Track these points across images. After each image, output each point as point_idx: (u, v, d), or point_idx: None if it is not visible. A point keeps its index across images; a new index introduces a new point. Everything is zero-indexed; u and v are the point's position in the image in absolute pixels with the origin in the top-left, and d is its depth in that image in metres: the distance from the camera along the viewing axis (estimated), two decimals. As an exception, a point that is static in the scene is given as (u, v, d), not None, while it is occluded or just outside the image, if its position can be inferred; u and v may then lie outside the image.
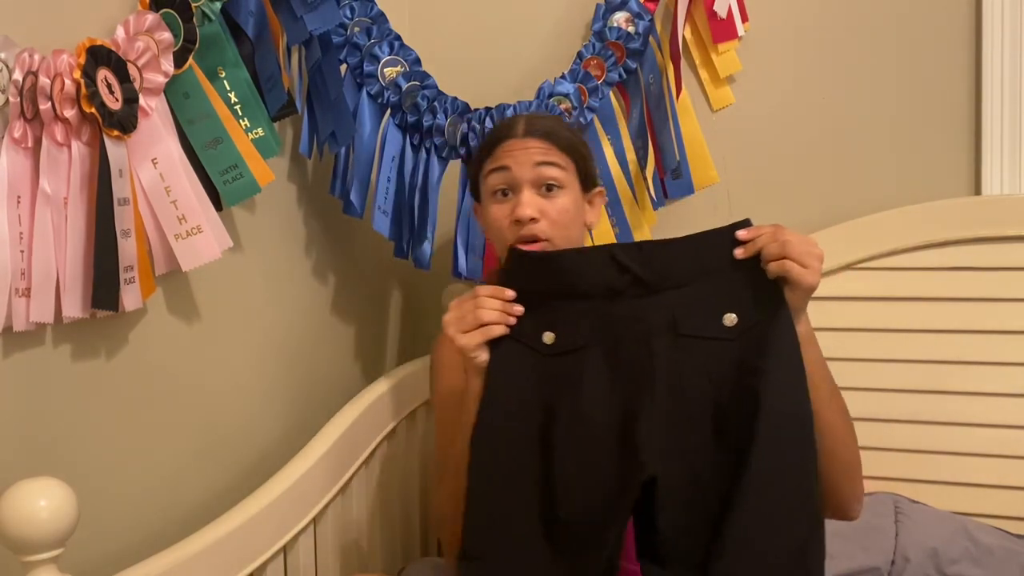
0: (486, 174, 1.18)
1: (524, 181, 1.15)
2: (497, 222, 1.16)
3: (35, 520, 0.77)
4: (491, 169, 1.17)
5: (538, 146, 1.16)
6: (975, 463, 1.50)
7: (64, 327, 0.99)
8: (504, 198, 1.16)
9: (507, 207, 1.16)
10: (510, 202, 1.16)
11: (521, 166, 1.15)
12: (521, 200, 1.14)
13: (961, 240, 1.50)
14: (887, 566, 1.36)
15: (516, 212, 1.13)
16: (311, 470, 1.17)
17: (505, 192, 1.16)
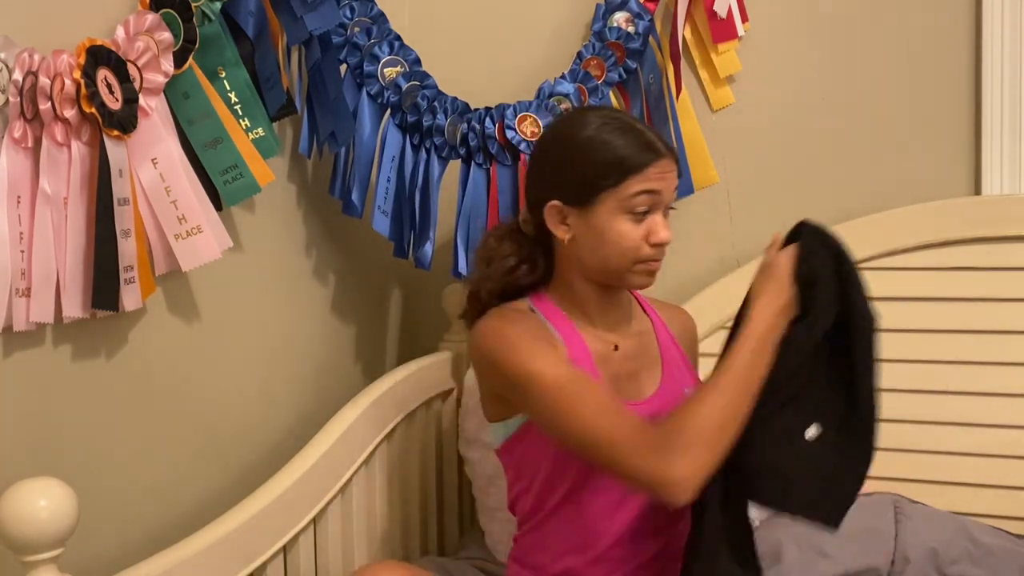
0: (632, 193, 1.09)
1: (663, 203, 1.12)
2: (629, 240, 1.10)
3: (35, 520, 0.77)
4: (641, 190, 1.09)
5: (674, 169, 1.13)
6: (975, 463, 1.50)
7: (64, 327, 0.99)
8: (639, 217, 1.10)
9: (642, 228, 1.10)
10: (644, 223, 1.10)
11: (668, 190, 1.12)
12: (663, 224, 1.11)
13: (961, 240, 1.49)
14: (887, 566, 1.36)
15: (661, 235, 1.10)
16: (311, 470, 1.17)
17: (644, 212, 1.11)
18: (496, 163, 1.50)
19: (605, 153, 1.11)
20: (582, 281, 1.16)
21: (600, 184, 1.11)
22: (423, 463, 1.57)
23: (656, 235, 1.10)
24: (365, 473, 1.34)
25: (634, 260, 1.11)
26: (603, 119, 1.14)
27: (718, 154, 1.66)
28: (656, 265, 1.13)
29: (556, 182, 1.14)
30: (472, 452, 1.54)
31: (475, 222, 1.52)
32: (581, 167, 1.12)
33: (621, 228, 1.10)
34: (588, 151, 1.12)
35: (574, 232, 1.13)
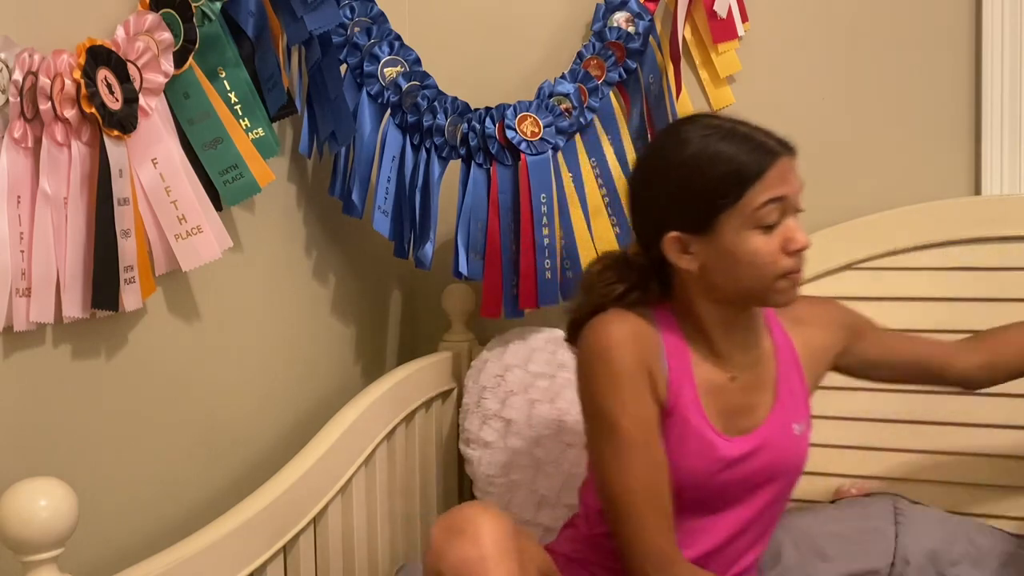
0: (757, 205, 1.00)
1: (792, 207, 1.03)
2: (767, 256, 1.01)
3: (35, 520, 0.77)
4: (766, 200, 1.00)
5: (795, 166, 1.04)
6: (975, 463, 1.50)
7: (64, 327, 0.99)
8: (771, 229, 1.01)
9: (775, 238, 1.01)
10: (777, 232, 1.01)
11: (795, 192, 1.03)
12: (796, 227, 1.02)
13: (961, 240, 1.49)
14: (887, 568, 1.36)
15: (799, 240, 1.01)
16: (311, 470, 1.17)
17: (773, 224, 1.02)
18: (496, 163, 1.50)
19: (716, 168, 1.02)
20: (708, 306, 1.07)
21: (719, 204, 1.01)
22: (423, 463, 1.57)
23: (794, 242, 1.01)
24: (365, 473, 1.34)
25: (775, 276, 1.02)
26: (703, 131, 1.05)
27: (718, 154, 1.66)
28: (799, 276, 1.04)
29: (669, 212, 1.05)
30: (472, 451, 1.54)
31: (475, 222, 1.52)
32: (693, 190, 1.03)
33: (753, 245, 1.01)
34: (697, 170, 1.03)
35: (701, 260, 1.04)
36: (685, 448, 1.05)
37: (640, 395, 1.03)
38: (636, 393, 1.03)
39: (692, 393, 1.06)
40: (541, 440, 1.51)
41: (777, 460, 1.09)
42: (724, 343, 1.09)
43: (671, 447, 1.04)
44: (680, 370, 1.06)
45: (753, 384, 1.10)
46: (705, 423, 1.05)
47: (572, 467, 1.49)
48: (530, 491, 1.49)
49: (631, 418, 1.02)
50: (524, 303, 1.51)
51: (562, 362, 1.57)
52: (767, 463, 1.08)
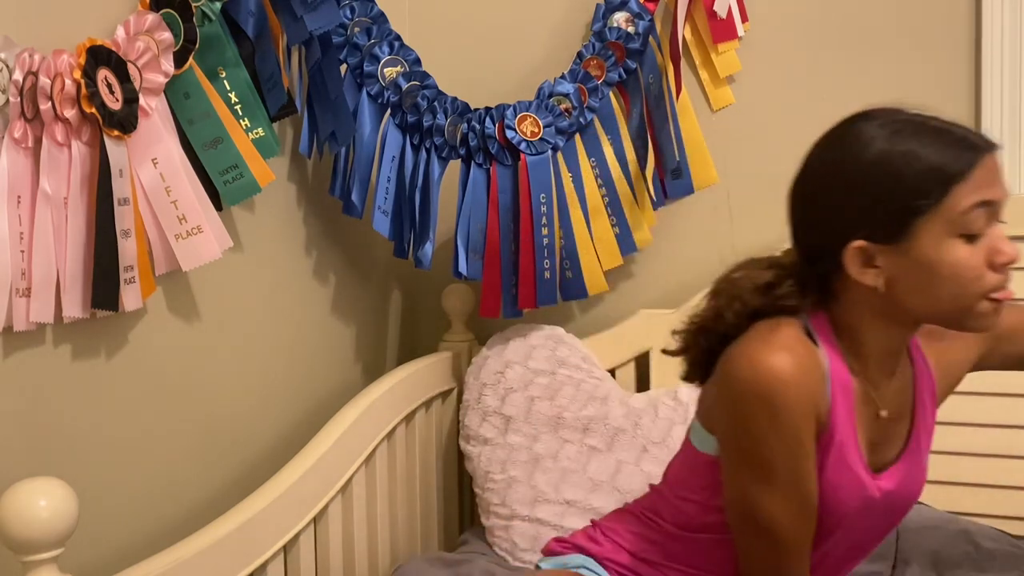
0: (964, 209, 0.87)
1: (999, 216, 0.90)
2: (970, 270, 0.88)
3: (35, 520, 0.77)
4: (975, 203, 0.87)
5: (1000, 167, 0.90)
6: (975, 463, 1.50)
7: (64, 327, 0.99)
8: (974, 240, 0.88)
9: (980, 251, 0.88)
10: (982, 243, 0.88)
11: (1004, 195, 0.89)
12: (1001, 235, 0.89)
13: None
14: (888, 571, 1.36)
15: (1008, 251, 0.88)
16: (311, 470, 1.17)
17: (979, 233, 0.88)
18: (496, 163, 1.50)
19: (913, 165, 0.88)
20: (879, 330, 0.96)
21: (916, 206, 0.88)
22: (423, 463, 1.57)
23: (1002, 253, 0.88)
24: (365, 473, 1.34)
25: (979, 295, 0.89)
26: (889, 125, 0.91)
27: (718, 154, 1.66)
28: (1008, 294, 0.90)
29: (854, 217, 0.91)
30: (472, 447, 1.54)
31: (475, 222, 1.52)
32: (886, 192, 0.89)
33: (956, 256, 0.88)
34: (889, 169, 0.89)
35: (888, 274, 0.90)
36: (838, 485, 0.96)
37: (803, 443, 0.93)
38: (799, 441, 0.92)
39: (851, 425, 0.96)
40: (540, 437, 1.51)
41: (910, 492, 1.03)
42: (878, 370, 0.98)
43: (824, 481, 0.95)
44: (843, 402, 0.95)
45: (897, 414, 1.01)
46: (859, 460, 0.96)
47: (570, 463, 1.50)
48: (529, 487, 1.49)
49: (788, 462, 0.93)
50: (523, 303, 1.52)
51: (562, 359, 1.57)
52: (902, 496, 1.02)
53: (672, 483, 1.12)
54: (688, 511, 1.06)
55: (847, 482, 0.96)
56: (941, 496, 1.49)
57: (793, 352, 0.92)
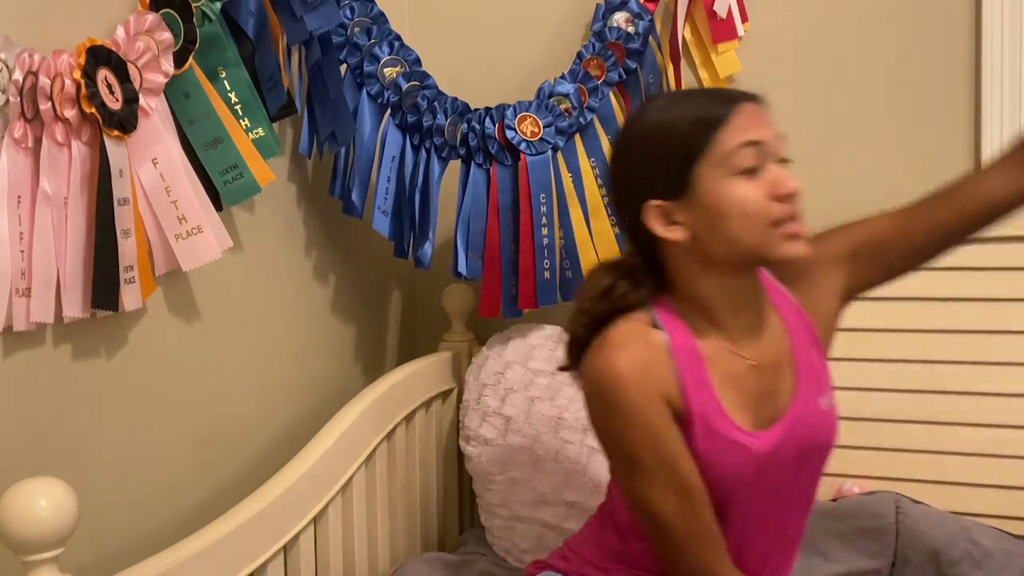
0: (727, 152, 0.94)
1: (771, 153, 0.96)
2: (752, 203, 0.94)
3: (35, 520, 0.77)
4: (740, 144, 0.94)
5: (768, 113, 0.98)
6: (975, 463, 1.50)
7: (64, 327, 0.99)
8: (753, 176, 0.95)
9: (760, 184, 0.95)
10: (760, 178, 0.95)
11: (770, 137, 0.96)
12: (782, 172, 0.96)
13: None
14: (887, 568, 1.36)
15: (786, 185, 0.95)
16: (311, 470, 1.17)
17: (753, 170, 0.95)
18: (496, 163, 1.50)
19: (679, 123, 0.97)
20: (711, 283, 1.00)
21: (689, 156, 0.95)
22: (423, 463, 1.57)
23: (781, 185, 0.95)
24: (365, 473, 1.34)
25: (768, 225, 0.95)
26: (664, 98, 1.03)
27: (718, 154, 1.66)
28: (797, 227, 0.96)
29: (644, 181, 0.99)
30: (472, 448, 1.54)
31: (475, 222, 1.52)
32: (663, 150, 0.97)
33: (736, 192, 0.94)
34: (662, 130, 0.98)
35: (689, 228, 0.97)
36: (714, 455, 0.98)
37: (657, 427, 0.96)
38: (652, 426, 0.96)
39: (710, 394, 0.98)
40: (540, 437, 1.51)
41: (807, 442, 1.02)
42: (736, 327, 1.01)
43: (699, 457, 0.97)
44: (693, 373, 0.98)
45: (773, 364, 1.02)
46: (730, 424, 0.98)
47: (571, 464, 1.50)
48: (529, 488, 1.49)
49: (652, 452, 0.96)
50: (523, 303, 1.52)
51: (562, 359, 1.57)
52: (798, 448, 1.01)
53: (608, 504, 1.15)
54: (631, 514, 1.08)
55: (722, 449, 0.97)
56: (941, 496, 1.49)
57: (626, 347, 0.97)
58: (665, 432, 0.96)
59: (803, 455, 1.03)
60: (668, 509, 0.97)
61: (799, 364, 1.03)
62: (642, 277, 1.03)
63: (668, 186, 0.97)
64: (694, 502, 0.96)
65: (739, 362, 1.00)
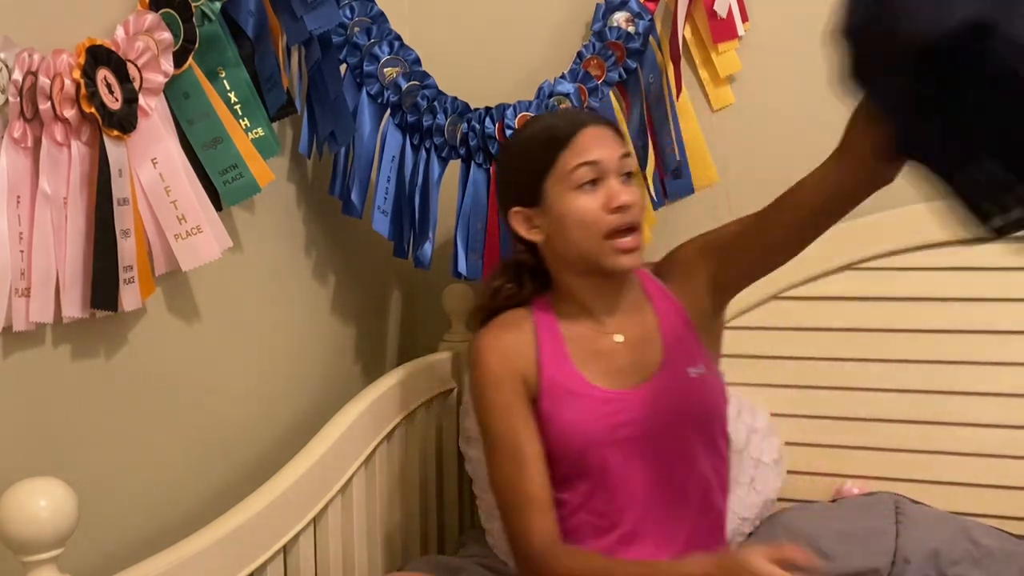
0: (569, 171, 1.11)
1: (611, 171, 1.12)
2: (589, 214, 1.11)
3: (35, 520, 0.77)
4: (579, 164, 1.11)
5: (611, 134, 1.15)
6: (975, 463, 1.50)
7: (64, 327, 0.99)
8: (592, 188, 1.11)
9: (597, 197, 1.11)
10: (599, 192, 1.11)
11: (610, 155, 1.12)
12: (617, 187, 1.11)
13: (961, 240, 1.49)
14: (887, 567, 1.36)
15: (618, 199, 1.10)
16: (311, 470, 1.17)
17: (593, 182, 1.12)
18: (496, 163, 1.50)
19: (532, 141, 1.17)
20: (571, 276, 1.18)
21: (539, 172, 1.14)
22: (423, 463, 1.57)
23: (614, 199, 1.10)
24: (365, 473, 1.34)
25: (602, 235, 1.11)
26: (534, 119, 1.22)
27: (718, 154, 1.66)
28: (628, 241, 1.11)
29: (508, 190, 1.20)
30: (473, 450, 1.54)
31: (475, 222, 1.52)
32: (519, 164, 1.18)
33: (575, 204, 1.11)
34: (520, 147, 1.19)
35: (544, 231, 1.15)
36: (577, 413, 1.13)
37: (507, 399, 1.14)
38: (503, 398, 1.14)
39: (569, 365, 1.15)
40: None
41: (678, 404, 1.13)
42: (602, 308, 1.18)
43: (561, 417, 1.13)
44: (553, 351, 1.16)
45: (640, 340, 1.17)
46: (589, 386, 1.14)
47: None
48: (530, 491, 1.49)
49: (500, 420, 1.14)
50: (524, 303, 1.51)
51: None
52: (668, 408, 1.13)
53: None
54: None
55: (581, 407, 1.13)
56: (941, 496, 1.49)
57: (493, 331, 1.19)
58: (513, 405, 1.14)
59: (678, 418, 1.13)
60: (502, 474, 1.13)
61: (666, 338, 1.17)
62: (526, 276, 1.23)
63: (526, 196, 1.16)
64: (524, 472, 1.11)
65: (606, 339, 1.17)
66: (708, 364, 1.18)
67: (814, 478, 1.58)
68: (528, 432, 1.13)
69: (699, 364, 1.16)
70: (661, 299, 1.20)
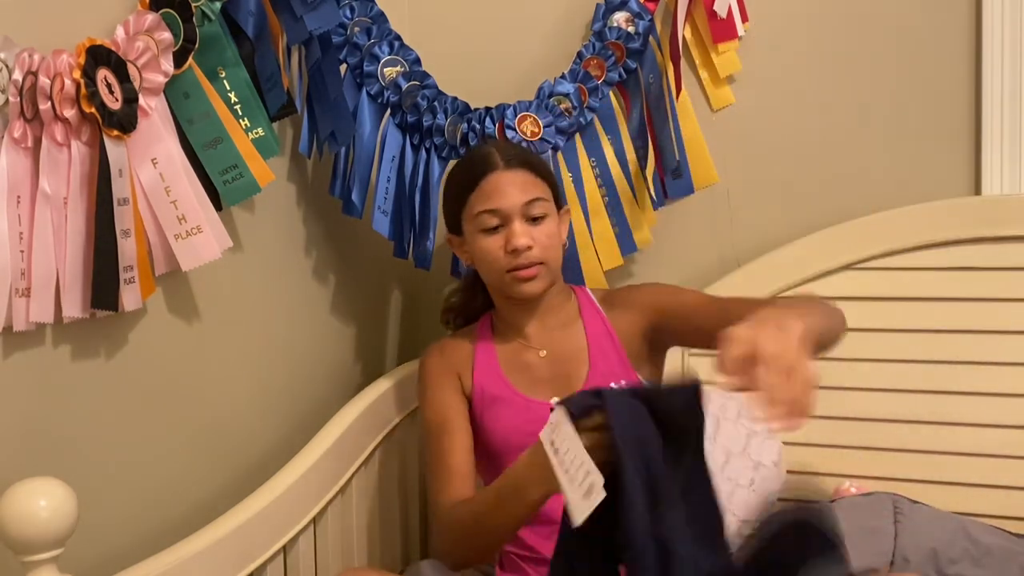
0: (475, 215, 1.22)
1: (514, 215, 1.21)
2: (491, 254, 1.22)
3: (35, 520, 0.77)
4: (481, 211, 1.22)
5: (522, 180, 1.22)
6: (975, 463, 1.50)
7: (64, 327, 0.99)
8: (494, 232, 1.22)
9: (499, 239, 1.21)
10: (501, 234, 1.22)
11: (511, 203, 1.21)
12: (515, 230, 1.20)
13: (961, 240, 1.49)
14: (886, 567, 1.36)
15: (512, 242, 1.20)
16: (311, 470, 1.17)
17: (496, 227, 1.22)
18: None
19: (452, 179, 1.29)
20: (497, 297, 1.30)
21: (456, 209, 1.26)
22: (423, 463, 1.57)
23: (510, 243, 1.20)
24: (365, 473, 1.34)
25: (503, 271, 1.22)
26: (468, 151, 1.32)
27: (718, 154, 1.66)
28: (524, 273, 1.20)
29: (447, 218, 1.30)
30: (472, 452, 1.54)
31: (475, 222, 1.52)
32: (446, 195, 1.30)
33: (483, 244, 1.23)
34: (448, 181, 1.31)
35: (469, 257, 1.28)
36: (501, 416, 1.24)
37: (440, 392, 1.27)
38: (437, 390, 1.27)
39: (498, 374, 1.27)
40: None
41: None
42: (529, 325, 1.29)
43: (488, 420, 1.25)
44: (486, 361, 1.28)
45: (565, 357, 1.27)
46: (514, 393, 1.25)
47: (572, 467, 1.49)
48: (530, 491, 1.49)
49: (432, 403, 1.27)
50: (524, 303, 1.52)
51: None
52: None
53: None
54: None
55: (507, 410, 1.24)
56: (940, 496, 1.49)
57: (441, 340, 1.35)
58: (445, 390, 1.27)
59: None
60: (430, 451, 1.24)
61: (594, 358, 1.26)
62: (472, 295, 1.37)
63: (453, 226, 1.29)
64: (446, 445, 1.22)
65: (531, 354, 1.28)
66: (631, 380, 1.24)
67: (814, 478, 1.58)
68: (455, 412, 1.25)
69: (621, 381, 1.22)
70: (595, 324, 1.29)
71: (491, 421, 1.25)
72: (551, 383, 1.26)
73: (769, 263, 1.59)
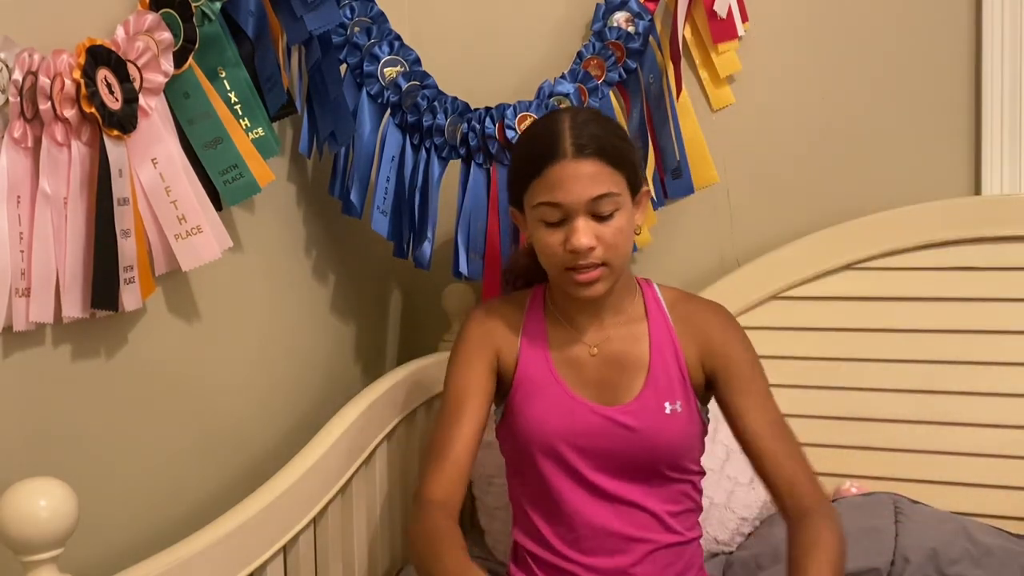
0: (535, 204, 1.08)
1: (579, 212, 1.06)
2: (549, 248, 1.08)
3: (35, 520, 0.77)
4: (541, 202, 1.07)
5: (592, 172, 1.05)
6: (975, 463, 1.50)
7: (64, 327, 0.99)
8: (555, 226, 1.08)
9: (560, 235, 1.07)
10: (562, 230, 1.07)
11: (575, 199, 1.05)
12: (577, 228, 1.06)
13: (961, 240, 1.49)
14: (887, 567, 1.36)
15: (573, 242, 1.05)
16: (311, 470, 1.16)
17: (558, 221, 1.08)
18: (496, 163, 1.50)
19: (520, 150, 1.14)
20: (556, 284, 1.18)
21: (519, 187, 1.12)
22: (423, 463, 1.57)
23: (569, 241, 1.06)
24: (365, 473, 1.34)
25: (561, 268, 1.09)
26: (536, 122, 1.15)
27: (718, 154, 1.66)
28: (584, 277, 1.07)
29: (508, 186, 1.17)
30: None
31: (475, 222, 1.52)
32: (512, 167, 1.16)
33: (542, 237, 1.09)
34: (516, 151, 1.16)
35: (529, 236, 1.14)
36: (536, 404, 1.14)
37: (468, 368, 1.16)
38: (465, 367, 1.17)
39: (545, 357, 1.16)
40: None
41: (647, 433, 1.11)
42: (580, 318, 1.17)
43: (523, 404, 1.15)
44: (534, 340, 1.17)
45: (620, 363, 1.15)
46: (558, 383, 1.15)
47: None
48: (530, 491, 1.49)
49: (453, 384, 1.16)
50: (524, 303, 1.51)
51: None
52: (638, 435, 1.11)
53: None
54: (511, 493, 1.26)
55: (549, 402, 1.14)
56: (940, 496, 1.49)
57: (493, 303, 1.23)
58: (473, 372, 1.16)
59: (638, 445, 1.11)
60: (438, 423, 1.16)
61: (654, 369, 1.14)
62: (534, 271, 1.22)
63: (515, 201, 1.15)
64: (454, 427, 1.13)
65: (582, 349, 1.16)
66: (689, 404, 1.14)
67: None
68: (473, 394, 1.15)
69: (676, 401, 1.13)
70: (660, 327, 1.16)
71: (526, 407, 1.14)
72: (597, 387, 1.14)
73: (769, 263, 1.59)
